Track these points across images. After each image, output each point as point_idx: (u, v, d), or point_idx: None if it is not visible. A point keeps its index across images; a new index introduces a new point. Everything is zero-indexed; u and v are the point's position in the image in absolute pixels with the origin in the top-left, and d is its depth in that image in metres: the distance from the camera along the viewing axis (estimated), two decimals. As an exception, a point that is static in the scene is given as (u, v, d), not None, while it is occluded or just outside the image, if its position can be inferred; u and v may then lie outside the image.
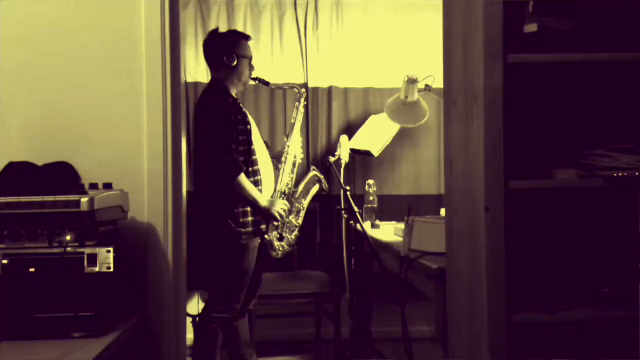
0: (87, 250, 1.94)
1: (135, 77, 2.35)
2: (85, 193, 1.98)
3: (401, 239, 2.97)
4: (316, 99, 4.48)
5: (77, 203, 1.93)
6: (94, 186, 2.12)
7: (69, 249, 1.92)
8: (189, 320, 3.36)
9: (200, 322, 3.30)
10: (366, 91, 4.54)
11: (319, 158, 4.43)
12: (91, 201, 1.93)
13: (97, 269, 1.93)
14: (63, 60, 2.38)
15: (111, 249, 1.95)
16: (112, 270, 1.94)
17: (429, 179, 4.56)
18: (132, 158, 2.36)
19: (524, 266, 1.91)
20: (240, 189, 3.12)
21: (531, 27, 1.85)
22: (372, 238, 3.29)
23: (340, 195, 3.37)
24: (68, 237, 1.93)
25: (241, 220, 3.16)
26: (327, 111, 4.50)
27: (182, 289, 2.51)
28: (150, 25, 2.34)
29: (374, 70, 4.52)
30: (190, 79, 4.36)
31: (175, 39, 2.41)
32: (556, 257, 2.03)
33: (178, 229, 2.43)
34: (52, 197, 1.93)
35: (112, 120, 2.37)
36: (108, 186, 2.13)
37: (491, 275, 1.78)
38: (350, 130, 4.36)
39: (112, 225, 2.12)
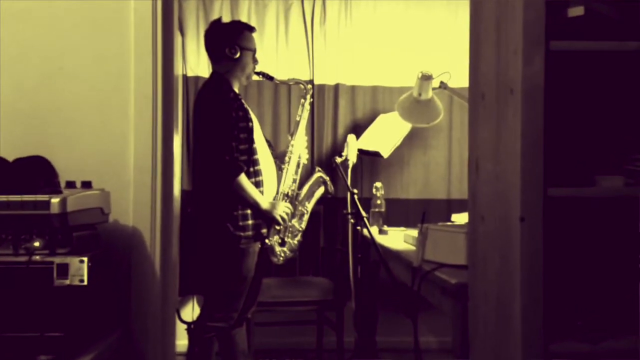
0: (57, 260, 1.71)
1: (122, 60, 2.14)
2: (59, 192, 1.74)
3: (412, 247, 2.83)
4: (322, 97, 4.36)
5: (47, 204, 1.69)
6: (71, 184, 1.89)
7: (36, 257, 1.69)
8: (183, 327, 3.19)
9: (195, 330, 3.15)
10: (374, 89, 4.43)
11: (324, 158, 4.28)
12: (63, 202, 1.70)
13: (67, 282, 1.69)
14: (41, 43, 2.18)
15: (85, 259, 1.71)
16: (85, 283, 1.70)
17: (438, 183, 4.44)
18: (116, 153, 2.14)
19: (560, 285, 1.67)
20: (240, 189, 2.98)
21: (576, 11, 1.61)
22: (380, 245, 3.09)
23: (346, 198, 3.19)
24: (36, 244, 1.70)
25: (240, 223, 3.02)
26: (334, 109, 4.38)
27: (170, 301, 2.30)
28: (139, 2, 2.09)
29: (382, 68, 4.41)
30: (190, 73, 4.28)
31: (169, 16, 2.15)
32: (596, 275, 1.80)
33: (167, 234, 2.21)
34: (19, 196, 1.69)
35: (95, 110, 2.16)
36: (87, 185, 1.90)
37: (526, 296, 1.55)
38: (357, 129, 4.24)
39: (90, 230, 1.89)
